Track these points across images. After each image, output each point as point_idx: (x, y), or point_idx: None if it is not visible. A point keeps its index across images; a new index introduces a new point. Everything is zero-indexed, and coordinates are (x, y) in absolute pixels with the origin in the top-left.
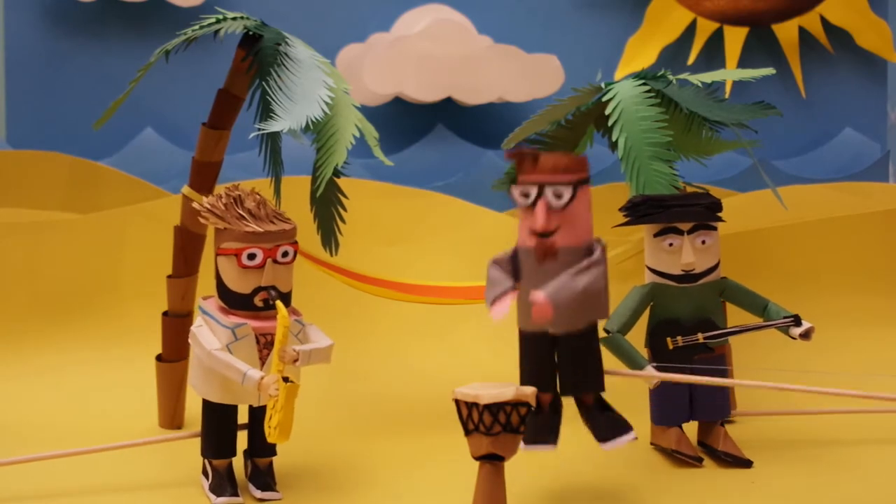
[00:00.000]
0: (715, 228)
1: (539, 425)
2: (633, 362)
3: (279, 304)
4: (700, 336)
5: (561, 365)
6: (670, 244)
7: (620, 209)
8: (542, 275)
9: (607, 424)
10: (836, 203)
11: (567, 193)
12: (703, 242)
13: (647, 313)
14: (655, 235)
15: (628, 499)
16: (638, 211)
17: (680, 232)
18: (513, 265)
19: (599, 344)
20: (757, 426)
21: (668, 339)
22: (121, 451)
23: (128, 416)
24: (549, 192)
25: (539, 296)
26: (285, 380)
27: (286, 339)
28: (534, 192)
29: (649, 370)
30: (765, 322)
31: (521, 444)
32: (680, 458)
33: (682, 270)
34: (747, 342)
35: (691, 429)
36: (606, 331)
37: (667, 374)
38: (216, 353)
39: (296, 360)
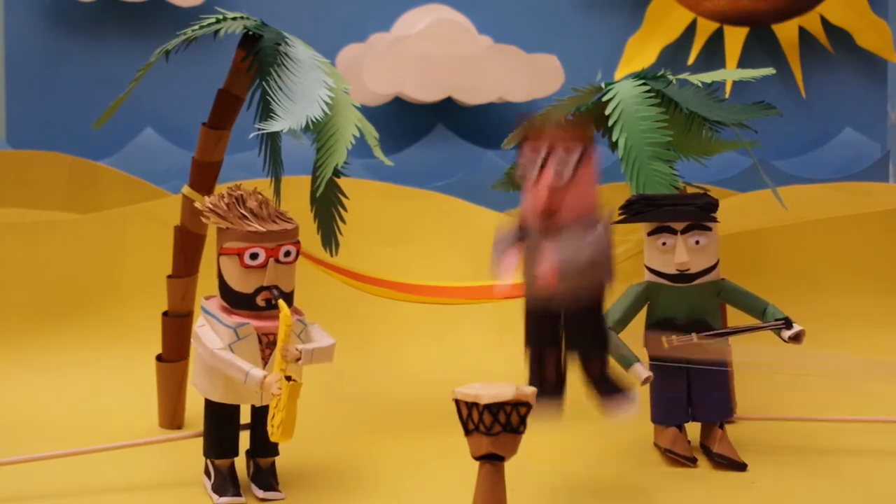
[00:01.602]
0: (710, 229)
1: (545, 386)
2: (623, 358)
3: (281, 302)
4: (694, 336)
5: (568, 337)
6: (663, 243)
7: (619, 207)
8: (545, 248)
9: (611, 390)
10: (836, 203)
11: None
12: (697, 242)
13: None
14: (649, 234)
15: (627, 499)
16: (632, 209)
17: (673, 231)
18: (518, 240)
19: (602, 310)
20: (757, 429)
21: (663, 339)
22: (121, 451)
23: (128, 416)
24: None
25: (544, 264)
26: (288, 379)
27: (288, 337)
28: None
29: (638, 368)
30: (758, 324)
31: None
32: (673, 457)
33: (677, 270)
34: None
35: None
36: None
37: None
38: (219, 353)
39: (298, 359)
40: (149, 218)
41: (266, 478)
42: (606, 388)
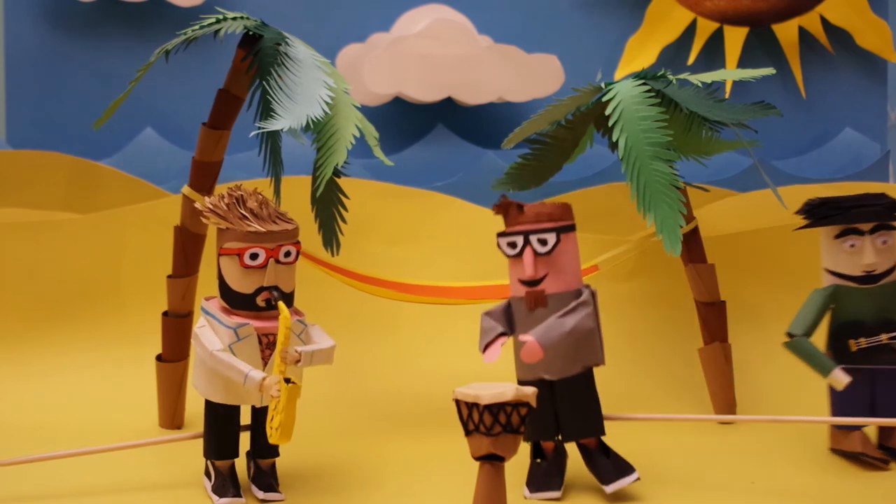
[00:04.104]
0: (894, 228)
1: (544, 472)
2: (821, 365)
3: (281, 304)
4: (884, 337)
5: (561, 412)
6: (851, 245)
7: (797, 212)
8: (533, 322)
9: (610, 468)
10: None
11: (552, 240)
12: (885, 242)
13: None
14: (836, 237)
15: (628, 497)
16: (817, 213)
17: (861, 233)
18: (506, 316)
19: (595, 389)
20: (757, 428)
21: (851, 342)
22: (121, 451)
23: (128, 416)
24: (533, 239)
25: (528, 336)
26: (287, 381)
27: (288, 340)
28: (520, 241)
29: (838, 374)
30: None
31: (526, 492)
32: (866, 461)
33: (864, 272)
34: (748, 341)
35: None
36: (790, 334)
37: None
38: (218, 354)
39: (297, 362)
40: (149, 218)
41: (266, 479)
42: (605, 463)
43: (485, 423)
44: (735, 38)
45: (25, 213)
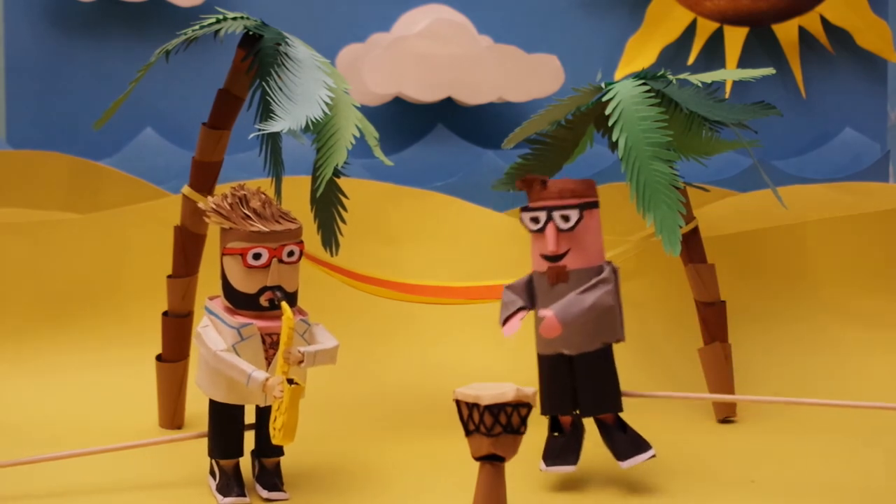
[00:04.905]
0: None
1: (560, 446)
2: None
3: (284, 305)
4: None
5: (579, 387)
6: None
7: None
8: (554, 297)
9: (627, 443)
10: (836, 203)
11: (574, 216)
12: None
13: None
14: None
15: (628, 496)
16: None
17: None
18: (527, 290)
19: (614, 365)
20: (757, 428)
21: None
22: (121, 451)
23: (128, 416)
24: (556, 215)
25: (547, 311)
26: (290, 381)
27: (291, 340)
28: (543, 216)
29: None
30: None
31: (542, 465)
32: None
33: None
34: (748, 341)
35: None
36: None
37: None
38: (221, 354)
39: (301, 362)
40: (149, 218)
41: (271, 478)
42: (622, 439)
43: (485, 423)
44: (735, 38)
45: (25, 213)
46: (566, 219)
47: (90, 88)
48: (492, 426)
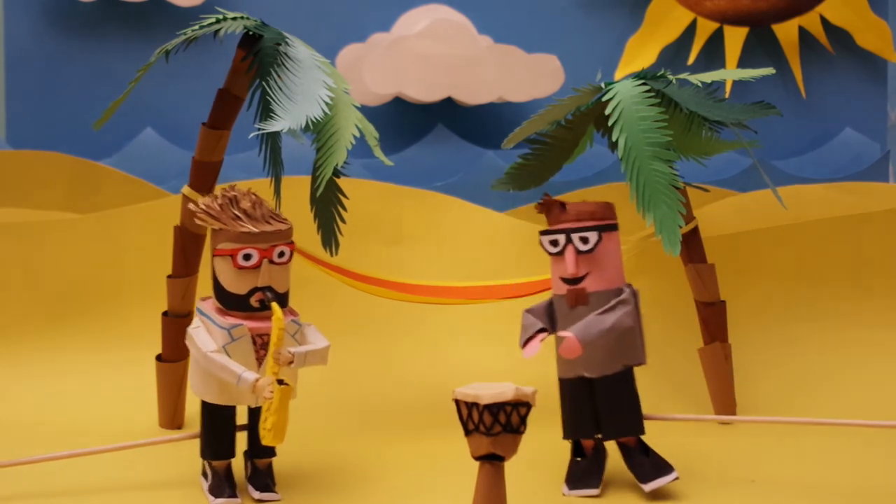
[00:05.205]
0: None
1: (583, 470)
2: None
3: (275, 305)
4: None
5: (601, 410)
6: None
7: None
8: (574, 319)
9: (650, 466)
10: (836, 203)
11: (593, 238)
12: None
13: None
14: None
15: (628, 495)
16: None
17: None
18: (548, 313)
19: (636, 388)
20: (757, 428)
21: None
22: (121, 451)
23: (128, 416)
24: (575, 237)
25: (567, 332)
26: (280, 382)
27: (281, 341)
28: (562, 239)
29: None
30: None
31: (565, 489)
32: None
33: None
34: (748, 341)
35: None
36: None
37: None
38: (211, 355)
39: (290, 363)
40: (149, 218)
41: (263, 479)
42: (644, 462)
43: (484, 422)
44: (735, 38)
45: (25, 213)
46: (585, 241)
47: (90, 88)
48: (491, 425)
